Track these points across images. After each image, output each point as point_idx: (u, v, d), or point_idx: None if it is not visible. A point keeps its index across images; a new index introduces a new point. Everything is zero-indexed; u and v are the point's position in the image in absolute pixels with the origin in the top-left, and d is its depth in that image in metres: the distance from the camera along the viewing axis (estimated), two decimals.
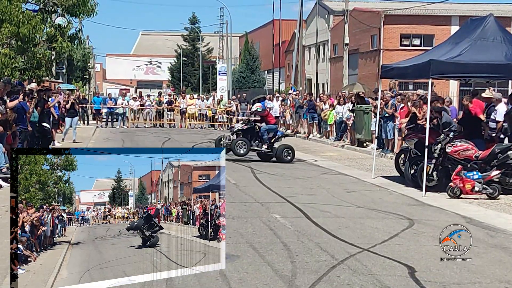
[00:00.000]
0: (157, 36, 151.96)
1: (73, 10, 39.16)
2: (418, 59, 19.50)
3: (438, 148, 17.60)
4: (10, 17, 30.73)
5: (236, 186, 18.37)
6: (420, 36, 66.09)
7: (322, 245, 11.23)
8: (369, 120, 29.40)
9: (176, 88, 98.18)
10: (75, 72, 79.35)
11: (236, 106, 49.85)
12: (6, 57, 30.62)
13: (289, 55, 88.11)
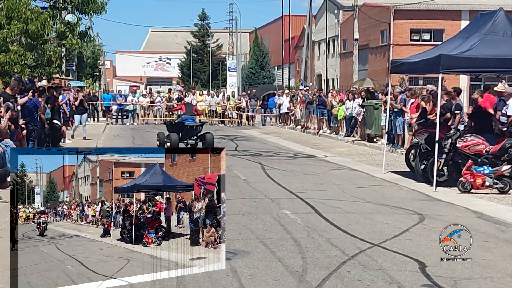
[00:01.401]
0: (166, 33, 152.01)
1: (83, 7, 39.22)
2: (428, 54, 19.44)
3: (448, 143, 17.55)
4: (19, 14, 30.79)
5: (247, 182, 18.38)
6: (430, 31, 65.97)
7: (332, 240, 11.22)
8: (379, 116, 29.34)
9: (186, 85, 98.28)
10: (85, 69, 79.51)
11: (246, 102, 49.86)
12: (15, 54, 30.69)
13: (298, 50, 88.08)
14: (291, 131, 42.57)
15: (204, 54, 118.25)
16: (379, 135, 29.96)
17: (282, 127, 45.73)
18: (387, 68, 49.59)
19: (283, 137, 36.99)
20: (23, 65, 31.69)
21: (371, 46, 70.23)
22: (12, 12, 30.56)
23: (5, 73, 30.87)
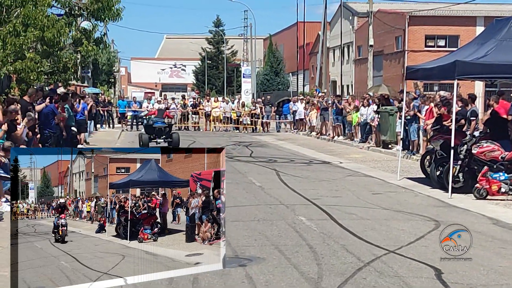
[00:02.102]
0: (181, 39, 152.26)
1: (99, 14, 39.39)
2: (443, 60, 19.40)
3: (464, 149, 17.51)
4: (35, 21, 30.92)
5: (261, 188, 18.39)
6: (445, 37, 65.81)
7: (348, 247, 11.21)
8: (394, 122, 29.30)
9: (201, 91, 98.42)
10: (101, 75, 79.82)
11: (260, 108, 49.88)
12: (32, 61, 30.80)
13: (313, 57, 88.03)
14: (306, 137, 42.55)
15: (219, 61, 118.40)
16: (394, 142, 29.91)
17: (297, 134, 45.71)
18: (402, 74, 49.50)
19: (298, 143, 36.98)
20: (39, 72, 31.81)
21: (386, 52, 70.13)
22: (28, 19, 30.69)
23: (21, 80, 31.00)
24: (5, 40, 30.07)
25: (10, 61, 30.31)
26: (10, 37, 30.03)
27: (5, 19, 31.65)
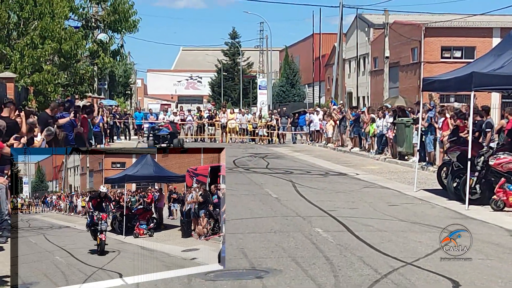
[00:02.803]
0: (197, 51, 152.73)
1: (115, 26, 39.64)
2: (459, 72, 19.36)
3: (481, 161, 17.46)
4: (53, 34, 31.16)
5: (278, 200, 18.39)
6: (461, 49, 65.69)
7: (365, 259, 11.20)
8: (411, 133, 29.25)
9: (217, 103, 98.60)
10: (117, 87, 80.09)
11: (276, 120, 49.89)
12: (49, 74, 31.03)
13: (329, 68, 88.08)
14: (322, 148, 42.51)
15: (235, 73, 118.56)
16: (410, 153, 29.85)
17: (313, 145, 45.69)
18: (418, 86, 49.41)
19: (314, 154, 36.96)
20: (56, 85, 32.04)
21: (402, 64, 70.06)
22: (46, 31, 30.95)
23: (39, 92, 31.22)
24: (23, 53, 30.36)
25: (28, 74, 30.57)
26: (28, 50, 30.32)
27: (23, 32, 31.96)
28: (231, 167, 27.96)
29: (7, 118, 15.90)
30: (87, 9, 41.08)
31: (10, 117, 16.39)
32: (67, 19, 36.30)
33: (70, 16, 38.06)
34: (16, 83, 28.77)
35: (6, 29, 31.47)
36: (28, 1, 31.02)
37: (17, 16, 32.00)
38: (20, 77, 30.00)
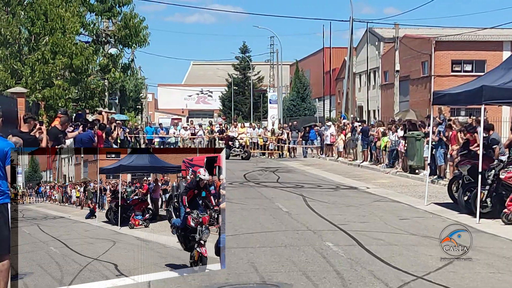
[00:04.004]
0: (208, 66, 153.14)
1: (126, 40, 39.78)
2: (470, 85, 19.34)
3: (491, 174, 17.42)
4: (64, 49, 31.30)
5: (289, 214, 18.38)
6: (472, 62, 65.65)
7: (375, 273, 11.18)
8: (421, 147, 29.23)
9: (227, 117, 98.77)
10: (128, 102, 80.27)
11: (287, 134, 49.91)
12: (60, 89, 31.15)
13: (339, 82, 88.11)
14: (333, 162, 42.50)
15: (245, 87, 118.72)
16: (421, 167, 29.81)
17: (324, 159, 45.67)
18: (429, 100, 49.34)
19: (325, 168, 36.95)
20: (67, 99, 32.16)
21: (412, 78, 70.04)
22: (57, 47, 31.08)
23: (50, 107, 31.34)
24: (34, 68, 30.51)
25: (39, 88, 30.71)
26: (39, 65, 30.47)
27: (34, 47, 32.12)
28: (242, 181, 27.98)
29: (26, 133, 16.00)
30: (98, 24, 41.26)
31: (30, 132, 16.51)
32: (78, 34, 36.45)
33: (81, 31, 38.21)
34: (27, 98, 28.90)
35: (17, 44, 31.62)
36: (39, 16, 31.17)
37: (28, 31, 32.15)
38: (31, 92, 30.13)
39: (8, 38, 29.68)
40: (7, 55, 30.53)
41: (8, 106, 24.66)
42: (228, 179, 27.51)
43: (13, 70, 30.62)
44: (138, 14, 39.79)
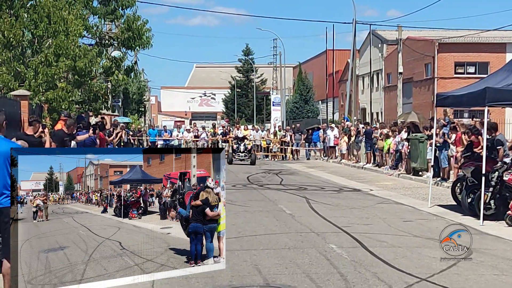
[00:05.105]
0: (211, 68, 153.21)
1: (129, 43, 39.83)
2: (473, 87, 19.33)
3: (495, 176, 17.41)
4: (67, 51, 31.33)
5: (292, 216, 18.37)
6: (475, 64, 65.66)
7: (379, 275, 11.17)
8: (425, 149, 29.21)
9: (230, 119, 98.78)
10: (131, 105, 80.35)
11: (290, 136, 49.89)
12: (63, 91, 31.18)
13: (342, 84, 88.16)
14: (336, 164, 42.49)
15: (249, 89, 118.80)
16: (424, 169, 29.79)
17: (327, 161, 45.66)
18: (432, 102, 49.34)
19: (328, 171, 36.93)
20: (70, 102, 32.18)
21: (416, 80, 70.06)
22: (60, 49, 31.10)
23: (53, 110, 31.35)
24: (37, 70, 30.51)
25: (42, 91, 30.71)
26: (42, 67, 30.47)
27: (37, 50, 32.15)
28: (245, 184, 27.98)
29: (31, 136, 16.04)
30: (101, 27, 41.31)
31: (35, 135, 16.55)
32: (82, 37, 36.49)
33: (84, 34, 38.25)
34: (30, 101, 28.92)
35: (21, 47, 31.66)
36: (43, 19, 31.19)
37: (31, 34, 32.19)
38: (35, 95, 30.15)
39: (12, 40, 29.69)
40: (11, 58, 30.57)
41: (12, 109, 24.67)
42: (232, 181, 27.57)
43: (16, 72, 30.65)
44: (141, 17, 39.90)
